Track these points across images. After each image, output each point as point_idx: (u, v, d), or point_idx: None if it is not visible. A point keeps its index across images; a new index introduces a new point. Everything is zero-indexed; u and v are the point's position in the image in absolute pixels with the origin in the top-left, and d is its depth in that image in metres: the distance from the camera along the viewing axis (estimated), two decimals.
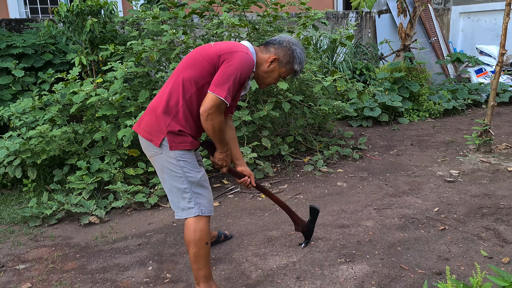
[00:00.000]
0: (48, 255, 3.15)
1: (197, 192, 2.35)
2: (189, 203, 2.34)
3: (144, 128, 2.35)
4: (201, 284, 2.42)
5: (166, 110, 2.29)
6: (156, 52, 4.32)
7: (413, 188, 3.96)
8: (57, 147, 4.09)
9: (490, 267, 2.04)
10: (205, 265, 2.39)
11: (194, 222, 2.35)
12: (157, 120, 2.31)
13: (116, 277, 2.82)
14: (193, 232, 2.34)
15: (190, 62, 2.31)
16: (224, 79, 2.19)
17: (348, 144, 5.28)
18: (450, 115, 6.75)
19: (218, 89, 2.18)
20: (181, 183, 2.33)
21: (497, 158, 4.60)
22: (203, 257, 2.38)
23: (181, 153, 2.31)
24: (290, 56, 2.41)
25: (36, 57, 5.58)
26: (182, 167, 2.31)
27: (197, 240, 2.34)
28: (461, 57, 8.24)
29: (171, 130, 2.28)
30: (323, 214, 3.53)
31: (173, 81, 2.33)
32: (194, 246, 2.35)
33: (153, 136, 2.31)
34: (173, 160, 2.30)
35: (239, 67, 2.22)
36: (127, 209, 3.87)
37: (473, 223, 3.24)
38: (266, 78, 2.45)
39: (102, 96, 3.96)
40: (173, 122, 2.28)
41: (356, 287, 2.55)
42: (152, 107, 2.36)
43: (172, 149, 2.29)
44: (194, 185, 2.34)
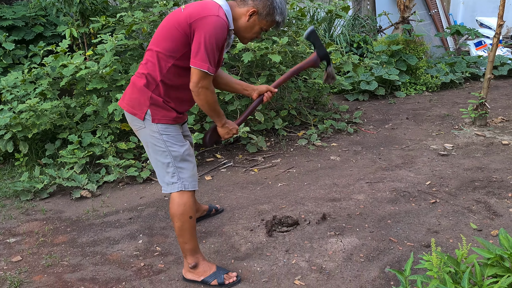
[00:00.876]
0: (39, 228, 3.15)
1: (180, 167, 2.33)
2: (173, 178, 2.33)
3: (128, 102, 2.32)
4: (188, 257, 2.42)
5: (146, 84, 2.26)
6: (147, 24, 4.23)
7: (406, 162, 3.94)
8: (48, 121, 4.05)
9: (476, 239, 2.03)
10: (190, 238, 2.39)
11: (178, 197, 2.34)
12: (138, 94, 2.28)
13: (106, 250, 2.82)
14: (176, 206, 2.33)
15: (164, 34, 2.24)
16: (202, 50, 2.12)
17: (343, 118, 5.24)
18: (448, 89, 6.68)
19: (198, 61, 2.13)
20: (165, 157, 2.31)
21: (492, 132, 4.56)
22: (187, 230, 2.37)
23: (164, 127, 2.29)
24: (269, 7, 2.27)
25: (26, 29, 5.49)
26: (165, 141, 2.29)
27: (180, 214, 2.34)
28: (460, 30, 8.11)
29: (153, 102, 2.25)
30: (315, 188, 3.53)
31: (150, 54, 2.28)
32: (178, 220, 2.35)
33: (135, 109, 2.28)
34: (155, 134, 2.29)
35: (212, 34, 2.13)
36: (119, 183, 3.86)
37: (464, 196, 3.23)
38: (247, 32, 2.34)
39: (92, 69, 3.90)
40: (154, 94, 2.25)
41: (344, 259, 2.56)
42: (133, 81, 2.33)
43: (154, 121, 2.27)
44: (177, 159, 2.32)
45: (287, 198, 3.39)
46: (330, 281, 2.38)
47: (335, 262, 2.54)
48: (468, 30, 8.10)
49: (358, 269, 2.47)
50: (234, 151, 4.46)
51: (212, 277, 2.40)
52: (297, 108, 5.12)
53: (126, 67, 4.36)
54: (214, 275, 2.40)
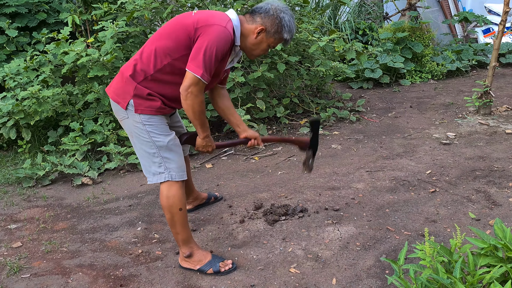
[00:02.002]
0: (40, 215, 3.19)
1: (166, 157, 2.32)
2: (159, 168, 2.33)
3: (113, 90, 2.33)
4: (182, 247, 2.44)
5: (133, 74, 2.25)
6: (148, 11, 4.22)
7: (407, 151, 3.92)
8: (50, 109, 4.07)
9: (470, 228, 2.03)
10: (182, 229, 2.40)
11: (167, 189, 2.34)
12: (123, 83, 2.28)
13: (105, 237, 2.85)
14: (166, 198, 2.34)
15: (168, 32, 2.23)
16: (200, 56, 2.11)
17: (346, 106, 5.21)
18: (454, 77, 6.61)
19: (194, 66, 2.11)
20: (150, 148, 2.31)
21: (496, 120, 4.52)
22: (178, 222, 2.38)
23: (146, 117, 2.27)
24: (278, 25, 2.26)
25: (30, 16, 5.49)
26: (149, 132, 2.28)
27: (170, 206, 2.34)
28: (468, 16, 7.98)
29: (138, 93, 2.24)
30: (315, 177, 3.52)
31: (147, 47, 2.27)
32: (168, 212, 2.36)
33: (119, 97, 2.28)
34: (139, 125, 2.28)
35: (214, 43, 2.12)
36: (120, 171, 3.88)
37: (464, 185, 3.21)
38: (254, 50, 2.33)
39: (93, 57, 3.90)
40: (140, 86, 2.24)
41: (341, 248, 2.56)
42: (121, 70, 2.33)
43: (137, 112, 2.26)
44: (163, 149, 2.31)
45: (286, 186, 3.39)
46: (325, 269, 2.39)
47: (331, 251, 2.54)
48: (476, 17, 7.98)
49: (354, 257, 2.47)
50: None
51: (207, 266, 2.41)
52: (300, 96, 5.10)
53: (128, 54, 4.35)
54: (209, 264, 2.42)
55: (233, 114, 2.61)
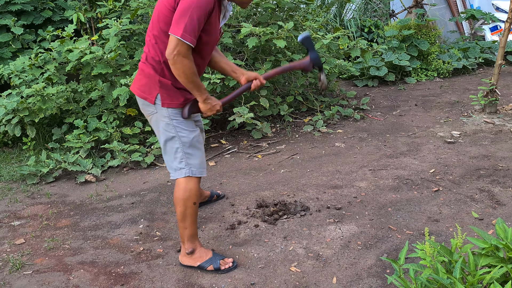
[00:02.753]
0: (43, 212, 3.21)
1: (188, 153, 2.34)
2: (180, 163, 2.35)
3: (138, 87, 2.35)
4: (186, 243, 2.44)
5: (153, 68, 2.27)
6: (152, 9, 4.21)
7: (411, 149, 3.89)
8: (54, 106, 4.09)
9: (472, 228, 2.01)
10: (191, 224, 2.41)
11: (185, 182, 2.36)
12: (147, 79, 2.30)
13: (107, 235, 2.86)
14: (182, 191, 2.36)
15: (157, 16, 2.23)
16: (181, 18, 2.06)
17: (350, 104, 5.19)
18: (460, 75, 6.56)
19: (175, 28, 2.07)
20: (174, 143, 2.33)
21: (502, 119, 4.48)
22: (189, 216, 2.39)
23: (174, 112, 2.30)
24: None
25: (35, 14, 5.51)
26: (175, 126, 2.31)
27: (185, 199, 2.36)
28: (475, 14, 7.90)
29: (163, 86, 2.27)
30: (318, 175, 3.51)
31: (149, 38, 2.29)
32: (182, 205, 2.37)
33: (146, 93, 2.31)
34: (166, 119, 2.30)
35: (194, 2, 2.06)
36: (124, 168, 3.89)
37: (468, 184, 3.19)
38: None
39: (97, 54, 3.91)
40: (162, 78, 2.27)
41: (342, 247, 2.56)
42: (141, 68, 2.35)
43: (164, 106, 2.28)
44: (186, 145, 2.33)
45: (289, 184, 3.39)
46: (326, 268, 2.38)
47: (332, 250, 2.53)
48: (484, 14, 7.90)
49: (355, 256, 2.46)
50: (239, 137, 4.45)
51: (208, 263, 2.42)
52: (304, 94, 5.09)
53: (132, 52, 4.36)
54: (210, 261, 2.42)
55: (227, 62, 2.57)
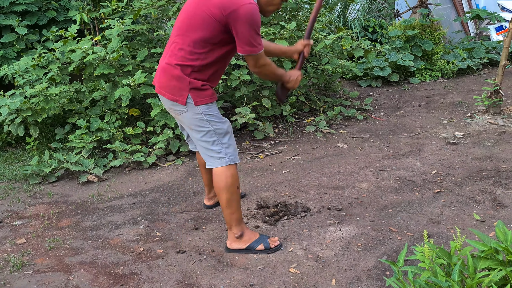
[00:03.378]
0: (45, 212, 3.22)
1: (225, 143, 2.43)
2: (219, 154, 2.43)
3: (167, 90, 2.38)
4: (233, 228, 2.53)
5: (182, 71, 2.32)
6: (155, 9, 4.22)
7: (413, 150, 3.88)
8: (57, 106, 4.11)
9: (472, 231, 2.00)
10: (237, 208, 2.51)
11: (225, 170, 2.44)
12: (176, 81, 2.34)
13: (108, 235, 2.87)
14: (225, 179, 2.43)
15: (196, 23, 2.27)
16: (247, 38, 2.23)
17: (353, 104, 5.17)
18: (464, 75, 6.52)
19: (247, 47, 2.26)
20: (210, 137, 2.41)
21: (506, 120, 4.45)
22: (235, 201, 2.49)
23: (206, 107, 2.37)
24: None
25: (40, 14, 5.53)
26: (209, 121, 2.39)
27: (229, 186, 2.44)
28: (481, 14, 7.84)
29: (193, 86, 2.33)
30: (319, 176, 3.51)
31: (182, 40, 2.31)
32: (226, 192, 2.45)
33: (176, 95, 2.36)
34: (199, 116, 2.37)
35: (253, 22, 2.22)
36: (126, 168, 3.90)
37: (470, 186, 3.17)
38: (268, 5, 2.42)
39: (99, 55, 3.92)
40: (192, 79, 2.33)
41: (342, 248, 2.55)
42: (167, 69, 2.37)
43: (197, 104, 2.35)
44: (222, 136, 2.42)
45: (290, 185, 3.38)
46: (325, 269, 2.37)
47: (332, 251, 2.52)
48: (489, 14, 7.84)
49: (355, 258, 2.45)
50: (241, 137, 4.45)
51: (257, 243, 2.54)
52: (307, 94, 5.08)
53: (135, 52, 4.37)
54: (259, 240, 2.55)
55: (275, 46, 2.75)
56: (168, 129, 3.99)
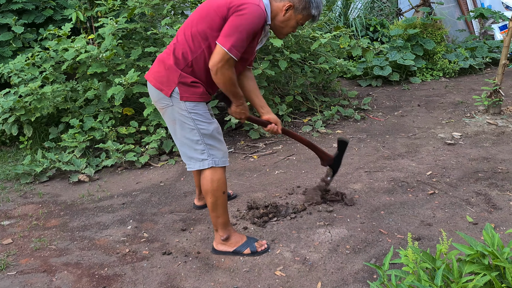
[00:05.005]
0: (33, 212, 3.19)
1: (209, 144, 2.36)
2: (202, 155, 2.36)
3: (155, 77, 2.34)
4: (219, 231, 2.49)
5: (175, 63, 2.28)
6: (149, 8, 4.19)
7: (410, 151, 3.81)
8: (50, 105, 4.08)
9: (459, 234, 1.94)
10: (223, 212, 2.46)
11: (211, 173, 2.38)
12: (167, 71, 2.30)
13: (95, 235, 2.83)
14: (210, 183, 2.38)
15: (201, 15, 2.25)
16: (231, 30, 2.14)
17: (351, 104, 5.11)
18: (466, 75, 6.43)
19: (224, 39, 2.14)
20: (194, 135, 2.34)
21: (505, 120, 4.37)
22: (221, 205, 2.43)
23: (192, 105, 2.31)
24: (305, 1, 2.30)
25: (37, 13, 5.52)
26: (194, 119, 2.32)
27: (214, 190, 2.39)
28: (484, 13, 7.73)
29: (182, 81, 2.28)
30: (312, 176, 3.45)
31: (183, 33, 2.29)
32: (212, 196, 2.40)
33: (163, 85, 2.30)
34: (184, 112, 2.31)
35: (248, 19, 2.15)
36: (118, 168, 3.87)
37: (465, 187, 3.10)
38: (283, 28, 2.37)
39: (92, 53, 3.89)
40: (184, 73, 2.28)
41: (330, 251, 2.49)
42: (161, 59, 2.35)
43: (182, 99, 2.29)
44: (207, 137, 2.35)
45: (282, 186, 3.33)
46: (311, 272, 2.32)
47: (320, 253, 2.47)
48: (493, 13, 7.73)
49: (342, 261, 2.40)
50: (236, 137, 4.41)
51: (244, 246, 2.49)
52: (304, 94, 5.02)
53: (129, 51, 4.34)
54: (246, 244, 2.50)
55: (258, 95, 2.62)
56: (162, 129, 3.96)
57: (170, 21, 4.11)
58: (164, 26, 4.15)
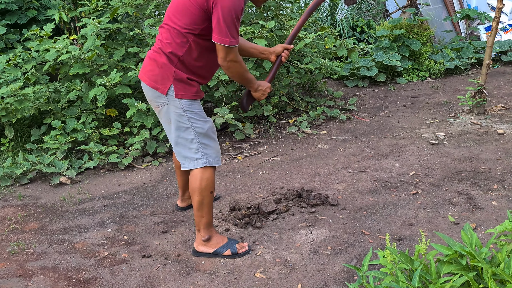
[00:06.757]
0: (12, 215, 3.14)
1: (204, 143, 2.34)
2: (196, 154, 2.34)
3: (150, 77, 2.31)
4: (201, 231, 2.46)
5: (168, 60, 2.26)
6: (132, 8, 4.14)
7: (394, 151, 3.81)
8: (31, 106, 4.02)
9: (437, 234, 1.93)
10: (208, 212, 2.44)
11: (201, 172, 2.36)
12: (161, 70, 2.27)
13: (74, 238, 2.79)
14: (199, 181, 2.36)
15: (180, 10, 2.23)
16: (222, 25, 2.14)
17: (337, 104, 5.10)
18: (452, 75, 6.46)
19: (220, 36, 2.15)
20: (188, 134, 2.32)
21: (489, 120, 4.38)
22: (207, 205, 2.41)
23: (188, 103, 2.29)
24: None
25: (20, 13, 5.44)
26: (190, 118, 2.30)
27: (202, 188, 2.37)
28: (470, 14, 7.80)
29: (178, 77, 2.26)
30: (296, 177, 3.43)
31: (167, 29, 2.27)
32: (199, 194, 2.37)
33: (158, 83, 2.28)
34: (180, 110, 2.29)
35: (231, 7, 2.13)
36: (101, 170, 3.82)
37: (447, 187, 3.10)
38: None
39: (74, 54, 3.84)
40: (177, 70, 2.26)
41: (311, 252, 2.47)
42: (153, 57, 2.32)
43: (177, 97, 2.27)
44: (201, 136, 2.33)
45: (265, 187, 3.31)
46: (292, 274, 2.30)
47: (301, 255, 2.45)
48: (478, 14, 7.80)
49: (323, 262, 2.38)
50: (221, 138, 4.38)
51: (225, 248, 2.46)
52: (290, 94, 5.01)
53: (112, 51, 4.29)
54: (227, 246, 2.47)
55: (252, 45, 2.65)
56: (145, 130, 3.91)
57: (153, 21, 4.07)
58: (148, 26, 4.11)
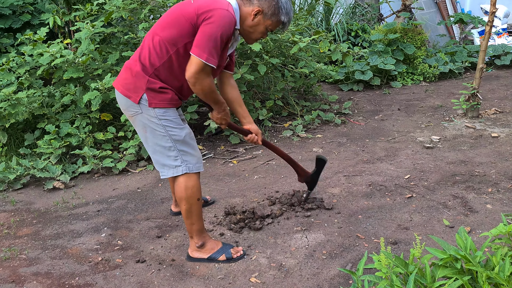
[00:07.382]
0: (5, 220, 3.11)
1: (182, 150, 2.32)
2: (175, 161, 2.32)
3: (123, 85, 2.29)
4: (194, 237, 2.45)
5: (143, 68, 2.23)
6: (126, 12, 4.14)
7: (389, 155, 3.81)
8: (25, 111, 4.00)
9: (431, 237, 1.92)
10: (197, 219, 2.42)
11: (185, 180, 2.34)
12: (134, 78, 2.25)
13: (67, 244, 2.77)
14: (184, 190, 2.34)
15: (169, 21, 2.21)
16: (205, 40, 2.09)
17: (332, 108, 5.10)
18: (446, 79, 6.49)
19: (199, 50, 2.09)
20: (165, 142, 2.29)
21: (483, 124, 4.40)
22: (195, 212, 2.39)
23: (161, 111, 2.26)
24: (275, 7, 2.25)
25: (14, 18, 5.44)
26: (165, 126, 2.27)
27: (188, 197, 2.35)
28: (464, 18, 7.85)
29: (150, 87, 2.23)
30: (291, 181, 3.43)
31: (150, 39, 2.24)
32: (186, 203, 2.36)
33: (130, 92, 2.25)
34: (154, 119, 2.26)
35: (219, 26, 2.10)
36: (95, 174, 3.80)
37: (442, 191, 3.10)
38: (252, 33, 2.32)
39: (68, 58, 3.82)
40: (151, 79, 2.22)
41: (306, 256, 2.46)
42: (128, 66, 2.31)
43: (151, 106, 2.23)
44: (179, 143, 2.31)
45: (260, 191, 3.30)
46: (287, 278, 2.29)
47: (296, 259, 2.44)
48: (472, 18, 7.84)
49: (318, 266, 2.37)
50: (216, 142, 4.37)
51: (220, 253, 2.45)
52: (285, 98, 5.01)
53: (107, 56, 4.28)
54: (221, 251, 2.46)
55: (241, 105, 2.60)
56: None
57: (147, 26, 4.06)
58: (142, 30, 4.10)
